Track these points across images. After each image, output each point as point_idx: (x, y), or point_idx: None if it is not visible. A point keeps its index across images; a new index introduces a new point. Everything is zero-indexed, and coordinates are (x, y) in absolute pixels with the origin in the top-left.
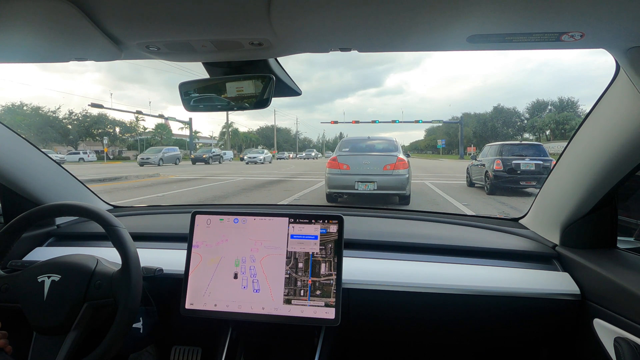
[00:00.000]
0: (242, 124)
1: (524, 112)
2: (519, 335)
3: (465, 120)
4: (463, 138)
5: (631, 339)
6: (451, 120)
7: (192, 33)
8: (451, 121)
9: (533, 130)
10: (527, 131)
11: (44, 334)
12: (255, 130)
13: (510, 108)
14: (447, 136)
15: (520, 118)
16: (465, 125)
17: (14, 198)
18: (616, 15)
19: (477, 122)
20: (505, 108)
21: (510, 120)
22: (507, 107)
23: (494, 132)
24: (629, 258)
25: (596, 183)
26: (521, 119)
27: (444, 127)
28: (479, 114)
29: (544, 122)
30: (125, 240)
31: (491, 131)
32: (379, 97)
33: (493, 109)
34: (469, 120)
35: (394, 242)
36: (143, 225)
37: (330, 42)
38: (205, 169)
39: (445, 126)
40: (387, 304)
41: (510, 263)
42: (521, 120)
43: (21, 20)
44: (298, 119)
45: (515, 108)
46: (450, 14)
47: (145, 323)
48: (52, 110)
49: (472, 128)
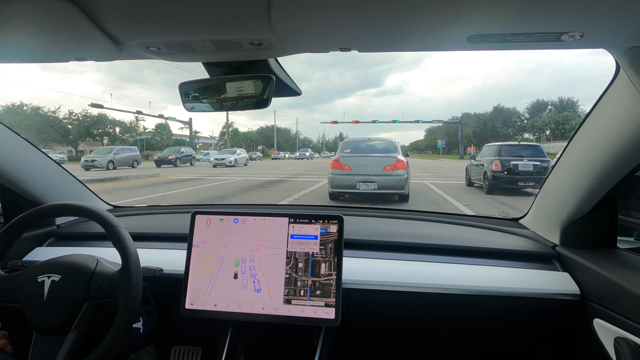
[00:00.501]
0: (242, 124)
1: (524, 112)
2: (519, 335)
3: (465, 120)
4: (463, 138)
5: (631, 339)
6: (451, 120)
7: (192, 33)
8: (451, 121)
9: (533, 130)
10: (527, 131)
11: (44, 334)
12: (255, 130)
13: (510, 108)
14: (447, 136)
15: (520, 118)
16: (465, 125)
17: (14, 198)
18: (616, 15)
19: (477, 122)
20: (505, 108)
21: (510, 120)
22: (507, 107)
23: (494, 132)
24: (629, 258)
25: (596, 183)
26: (521, 119)
27: (443, 127)
28: (479, 114)
29: (544, 122)
30: (125, 241)
31: (491, 131)
32: (379, 97)
33: (493, 109)
34: (469, 120)
35: (394, 242)
36: (143, 225)
37: (330, 42)
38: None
39: (445, 126)
40: (387, 304)
41: (510, 263)
42: (521, 121)
43: (21, 20)
44: (298, 119)
45: (515, 108)
46: (450, 14)
47: (145, 323)
48: (52, 110)
49: (472, 128)
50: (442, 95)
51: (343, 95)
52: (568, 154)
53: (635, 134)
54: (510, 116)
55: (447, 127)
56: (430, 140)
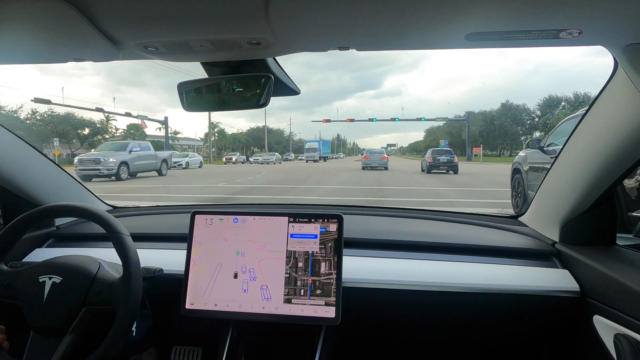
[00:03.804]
0: (233, 124)
1: (535, 109)
2: (519, 332)
3: (470, 118)
4: (470, 137)
5: (631, 336)
6: (456, 117)
7: (190, 33)
8: (456, 119)
9: (545, 128)
10: (539, 129)
11: (41, 334)
12: (245, 131)
13: (520, 105)
14: (450, 136)
15: (531, 115)
16: (471, 124)
17: (14, 199)
18: (614, 11)
19: (484, 121)
20: (514, 105)
21: (519, 118)
22: (516, 103)
23: (502, 131)
24: (628, 255)
25: (595, 180)
26: (532, 116)
27: (445, 127)
28: (485, 112)
29: (557, 119)
30: (129, 249)
31: (499, 130)
32: (378, 98)
33: (500, 105)
34: (474, 119)
35: (393, 240)
36: (143, 225)
37: (328, 40)
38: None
39: (447, 126)
40: (388, 303)
41: (509, 260)
42: (532, 118)
43: (19, 21)
44: (295, 121)
45: (525, 105)
46: (449, 12)
47: (139, 327)
48: (13, 110)
49: (478, 127)
50: (440, 96)
51: (341, 97)
52: (567, 151)
53: (634, 130)
54: (520, 113)
55: (450, 127)
56: (430, 140)
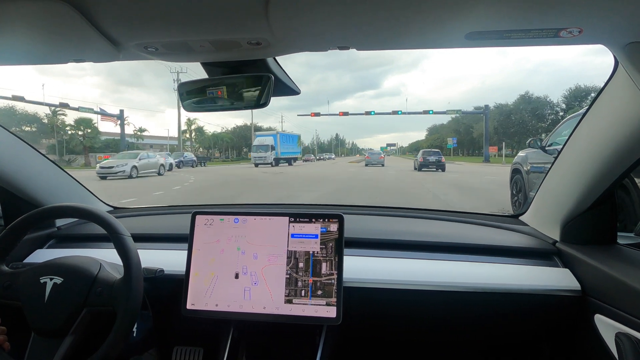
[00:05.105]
0: (215, 123)
1: (560, 102)
2: (520, 331)
3: (488, 111)
4: (488, 134)
5: (632, 334)
6: (474, 109)
7: (190, 33)
8: (473, 112)
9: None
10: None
11: (42, 336)
12: (230, 129)
13: (542, 97)
14: (457, 134)
15: (554, 109)
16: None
17: (14, 201)
18: (614, 10)
19: (500, 115)
20: (535, 97)
21: (541, 113)
22: (537, 95)
23: (522, 126)
24: (629, 254)
25: (596, 179)
26: (555, 110)
27: (451, 124)
28: (501, 105)
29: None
30: (130, 250)
31: (518, 126)
32: (377, 98)
33: (519, 97)
34: (488, 114)
35: (394, 240)
36: (144, 226)
37: (328, 40)
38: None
39: (454, 123)
40: (389, 302)
41: (510, 260)
42: (555, 113)
43: (18, 22)
44: (295, 121)
45: (548, 97)
46: (448, 11)
47: (140, 328)
48: None
49: (494, 122)
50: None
51: (341, 97)
52: (568, 150)
53: (635, 129)
54: (542, 107)
55: (456, 124)
56: (434, 140)
